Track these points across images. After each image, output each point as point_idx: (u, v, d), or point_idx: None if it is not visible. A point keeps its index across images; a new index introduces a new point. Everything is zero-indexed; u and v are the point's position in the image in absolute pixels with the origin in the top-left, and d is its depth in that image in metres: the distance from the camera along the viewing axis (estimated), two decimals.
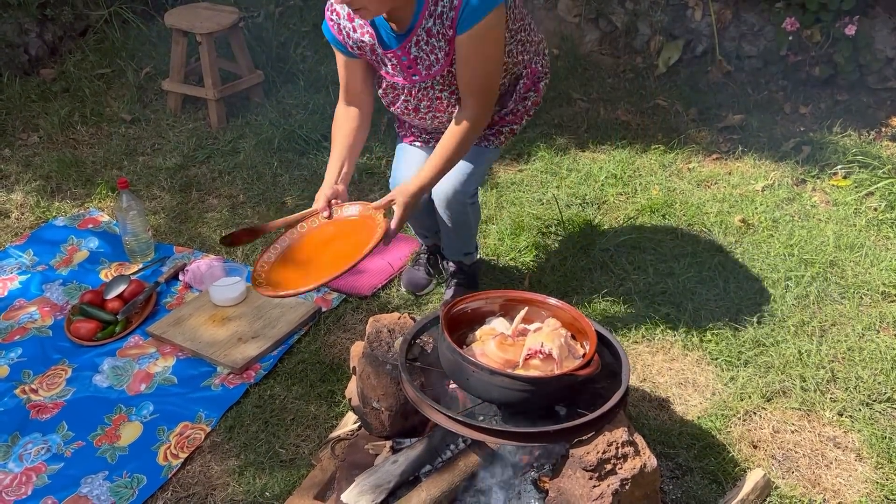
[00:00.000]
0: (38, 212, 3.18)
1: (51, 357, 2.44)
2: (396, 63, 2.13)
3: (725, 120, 3.65)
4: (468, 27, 1.99)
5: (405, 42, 2.07)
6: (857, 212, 2.98)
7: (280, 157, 3.48)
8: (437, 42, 2.06)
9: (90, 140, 3.71)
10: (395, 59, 2.12)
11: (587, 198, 3.13)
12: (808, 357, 2.31)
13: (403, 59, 2.11)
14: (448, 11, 2.00)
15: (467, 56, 2.04)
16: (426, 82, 2.15)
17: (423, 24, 2.04)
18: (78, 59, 4.33)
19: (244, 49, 3.83)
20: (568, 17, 4.28)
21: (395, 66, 2.15)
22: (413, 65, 2.12)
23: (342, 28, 2.13)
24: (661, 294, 2.58)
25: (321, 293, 2.71)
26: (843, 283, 2.61)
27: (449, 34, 2.03)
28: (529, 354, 1.67)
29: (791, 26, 3.68)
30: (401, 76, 2.16)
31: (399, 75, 2.16)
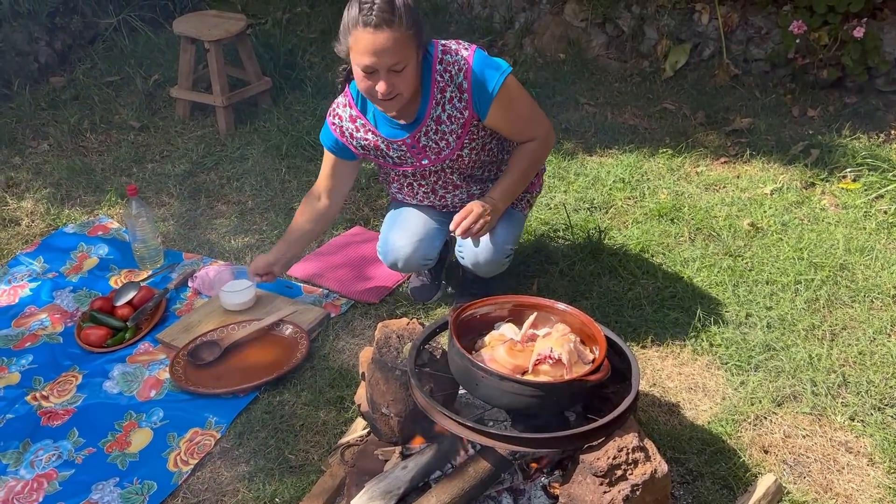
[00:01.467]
0: (49, 219, 3.20)
1: (61, 364, 2.45)
2: (405, 151, 2.19)
3: (733, 123, 3.64)
4: (488, 105, 2.07)
5: (415, 131, 2.14)
6: (866, 215, 2.96)
7: (288, 163, 3.49)
8: (449, 126, 2.13)
9: (99, 147, 3.73)
10: (404, 146, 2.16)
11: (595, 202, 3.13)
12: (818, 361, 2.30)
13: (413, 147, 2.17)
14: (459, 95, 2.07)
15: (503, 123, 2.14)
16: (436, 166, 2.23)
17: (432, 113, 2.10)
18: (87, 67, 4.36)
19: (252, 56, 3.85)
20: (574, 21, 4.29)
21: (402, 156, 2.21)
22: (422, 151, 2.19)
23: (345, 130, 2.22)
24: (671, 298, 2.58)
25: (330, 299, 2.71)
26: (853, 287, 2.60)
27: (464, 116, 2.10)
28: (539, 360, 1.67)
29: (798, 29, 3.67)
30: (409, 164, 2.22)
31: (407, 164, 2.22)
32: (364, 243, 2.99)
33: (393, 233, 2.40)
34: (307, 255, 2.94)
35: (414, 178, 2.31)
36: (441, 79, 2.08)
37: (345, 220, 3.13)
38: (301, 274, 2.84)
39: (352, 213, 3.18)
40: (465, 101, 2.08)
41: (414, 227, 2.37)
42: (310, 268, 2.86)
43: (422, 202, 2.39)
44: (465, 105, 2.09)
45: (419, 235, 2.36)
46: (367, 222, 3.13)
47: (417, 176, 2.29)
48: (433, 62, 2.07)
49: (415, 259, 2.38)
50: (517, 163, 2.22)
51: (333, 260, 2.90)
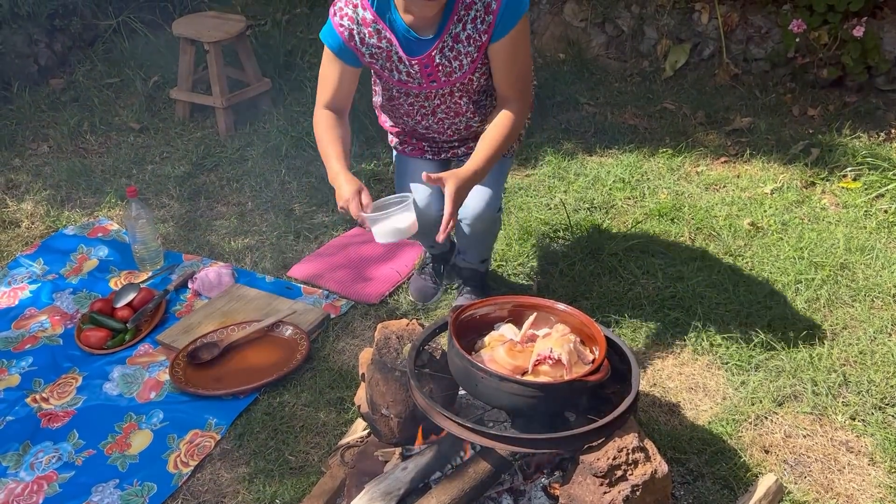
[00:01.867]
0: (49, 221, 3.20)
1: (61, 366, 2.45)
2: (418, 70, 2.06)
3: (733, 123, 3.64)
4: (504, 33, 1.96)
5: (431, 49, 2.02)
6: (867, 214, 2.96)
7: (288, 164, 3.49)
8: (465, 48, 2.01)
9: (99, 149, 3.73)
10: (417, 65, 2.05)
11: (595, 202, 3.13)
12: (819, 361, 2.29)
13: (426, 66, 2.05)
14: (484, 16, 1.96)
15: (506, 60, 2.02)
16: (444, 89, 2.11)
17: (451, 29, 1.99)
18: (87, 69, 4.36)
19: (251, 57, 3.85)
20: (574, 21, 4.28)
21: (410, 73, 2.08)
22: (434, 72, 2.06)
23: (355, 34, 2.04)
24: (671, 298, 2.57)
25: (330, 300, 2.71)
26: (853, 286, 2.59)
27: (482, 40, 1.99)
28: (539, 360, 1.66)
29: (798, 28, 3.67)
30: (416, 83, 2.10)
31: (414, 82, 2.10)
32: (364, 244, 2.98)
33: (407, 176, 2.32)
34: (307, 256, 2.94)
35: (416, 98, 2.16)
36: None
37: (345, 222, 3.13)
38: (301, 275, 2.84)
39: None
40: (489, 24, 1.97)
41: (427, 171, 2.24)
42: (309, 269, 2.86)
43: (419, 123, 2.24)
44: (486, 28, 1.98)
45: (430, 189, 2.29)
46: None
47: (421, 97, 2.15)
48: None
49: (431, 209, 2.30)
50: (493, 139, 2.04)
51: (333, 261, 2.89)
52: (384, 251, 2.92)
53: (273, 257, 2.95)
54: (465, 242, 2.49)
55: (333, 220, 3.14)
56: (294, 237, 3.05)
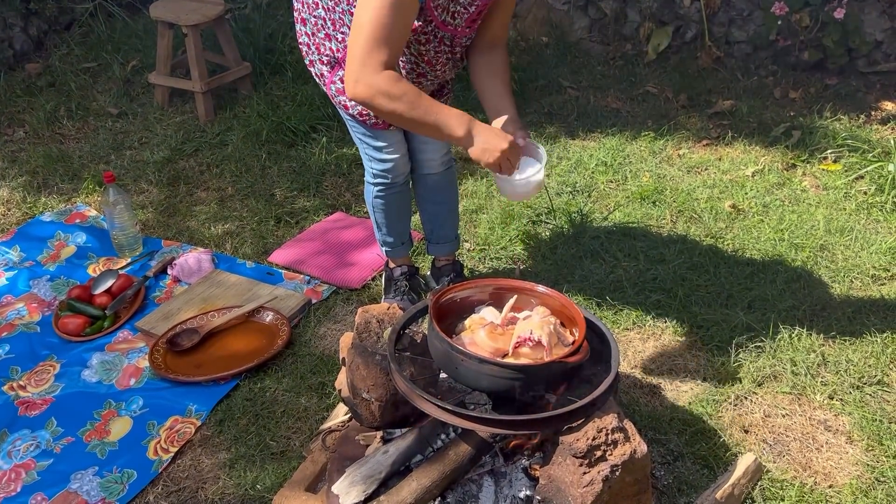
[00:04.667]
0: (25, 207, 3.16)
1: (39, 353, 2.42)
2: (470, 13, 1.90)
3: (715, 106, 3.64)
4: None
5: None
6: (847, 196, 2.98)
7: (269, 149, 3.45)
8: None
9: (76, 135, 3.68)
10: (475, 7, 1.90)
11: (577, 186, 3.12)
12: (798, 341, 2.31)
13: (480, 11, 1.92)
14: None
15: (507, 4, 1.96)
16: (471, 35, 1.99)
17: None
18: (63, 54, 4.29)
19: (231, 41, 3.80)
20: (557, 4, 4.26)
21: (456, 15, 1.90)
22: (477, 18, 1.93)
23: None
24: (652, 281, 2.58)
25: (311, 285, 2.69)
26: (833, 267, 2.61)
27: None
28: (519, 342, 1.66)
29: (780, 10, 3.67)
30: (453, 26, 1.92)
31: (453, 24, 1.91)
32: (346, 229, 2.97)
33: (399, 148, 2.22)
34: (288, 241, 2.92)
35: (440, 42, 1.96)
36: None
37: (326, 206, 3.11)
38: (282, 260, 2.82)
39: (333, 199, 3.16)
40: None
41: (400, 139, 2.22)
42: (291, 254, 2.84)
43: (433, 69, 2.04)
44: None
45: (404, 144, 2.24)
46: (348, 208, 3.11)
47: (445, 40, 1.96)
48: None
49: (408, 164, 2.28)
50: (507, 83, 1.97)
51: (315, 246, 2.88)
52: (365, 236, 2.90)
53: (254, 243, 2.93)
54: (436, 219, 2.46)
55: (314, 205, 3.12)
56: (275, 222, 3.03)
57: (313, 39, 2.08)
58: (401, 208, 2.43)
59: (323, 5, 1.99)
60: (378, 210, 2.41)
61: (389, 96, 1.73)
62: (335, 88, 2.10)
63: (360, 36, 1.72)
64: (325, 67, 2.09)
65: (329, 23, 2.00)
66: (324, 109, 3.61)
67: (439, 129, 1.78)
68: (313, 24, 2.05)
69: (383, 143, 2.22)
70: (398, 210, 2.42)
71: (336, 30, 2.00)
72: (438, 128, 1.78)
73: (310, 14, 2.05)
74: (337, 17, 1.97)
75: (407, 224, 2.52)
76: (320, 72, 2.12)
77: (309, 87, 3.80)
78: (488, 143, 1.77)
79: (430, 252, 2.59)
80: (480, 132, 1.78)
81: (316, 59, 2.10)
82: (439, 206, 2.45)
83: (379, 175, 2.31)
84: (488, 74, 2.01)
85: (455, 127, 1.77)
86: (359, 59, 1.73)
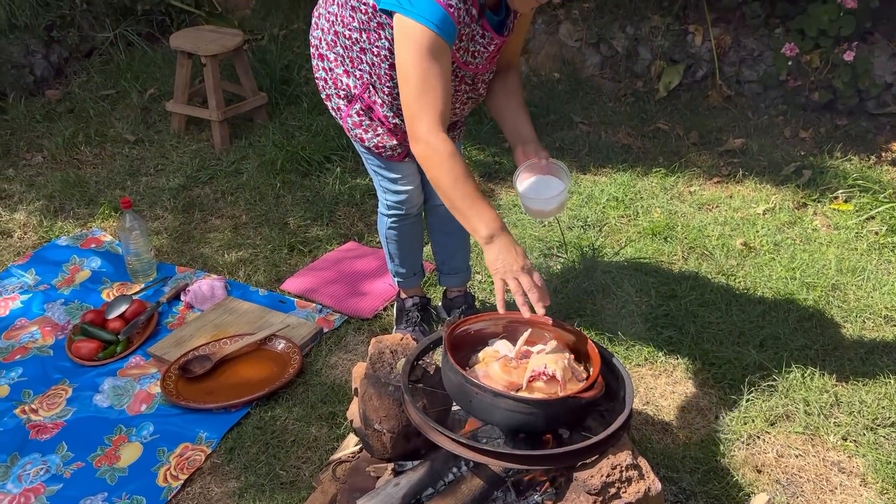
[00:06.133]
0: (41, 231, 3.19)
1: (51, 377, 2.43)
2: (493, 50, 1.92)
3: (726, 144, 3.67)
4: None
5: (509, 30, 1.93)
6: (858, 236, 2.99)
7: (283, 178, 3.49)
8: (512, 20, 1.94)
9: (94, 160, 3.73)
10: (495, 45, 1.92)
11: (589, 220, 3.14)
12: (811, 381, 2.30)
13: (499, 48, 1.94)
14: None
15: (524, 25, 2.01)
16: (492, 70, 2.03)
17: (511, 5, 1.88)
18: (83, 81, 4.36)
19: (248, 71, 3.87)
20: (569, 41, 4.32)
21: (477, 54, 1.91)
22: (497, 52, 1.96)
23: (453, 5, 1.71)
24: (664, 317, 2.58)
25: (323, 314, 2.70)
26: (845, 307, 2.61)
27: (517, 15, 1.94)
28: (533, 376, 1.66)
29: (790, 52, 3.71)
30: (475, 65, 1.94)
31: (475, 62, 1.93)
32: (358, 258, 2.98)
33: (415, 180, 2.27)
34: (301, 269, 2.94)
35: (462, 81, 1.99)
36: None
37: (339, 236, 3.13)
38: (294, 289, 2.84)
39: (346, 229, 3.18)
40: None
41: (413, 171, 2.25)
42: (303, 283, 2.86)
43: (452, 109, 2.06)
44: None
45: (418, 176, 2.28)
46: (361, 238, 3.13)
47: (467, 78, 1.99)
48: None
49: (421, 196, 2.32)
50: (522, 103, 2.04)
51: (327, 275, 2.89)
52: (377, 266, 2.92)
53: (266, 270, 2.95)
54: (448, 249, 2.48)
55: (327, 234, 3.14)
56: (288, 251, 3.05)
57: (331, 74, 2.12)
58: (413, 239, 2.45)
59: (341, 43, 2.03)
60: (391, 241, 2.43)
61: (441, 165, 1.74)
62: (351, 122, 2.13)
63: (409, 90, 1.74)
64: (342, 101, 2.13)
65: (347, 60, 2.04)
66: (338, 140, 3.65)
67: (466, 220, 1.76)
68: (331, 60, 2.09)
69: (398, 175, 2.25)
70: (411, 241, 2.44)
71: (354, 67, 2.04)
72: (466, 218, 1.76)
73: (328, 50, 2.09)
74: (355, 56, 2.01)
75: (419, 255, 2.54)
76: (337, 105, 2.15)
77: (324, 118, 3.85)
78: (503, 260, 1.72)
79: (442, 283, 2.60)
80: (502, 245, 1.73)
81: (333, 94, 2.14)
82: (451, 237, 2.47)
83: (393, 206, 2.33)
84: (504, 94, 2.06)
85: (481, 227, 1.73)
86: (415, 116, 1.75)
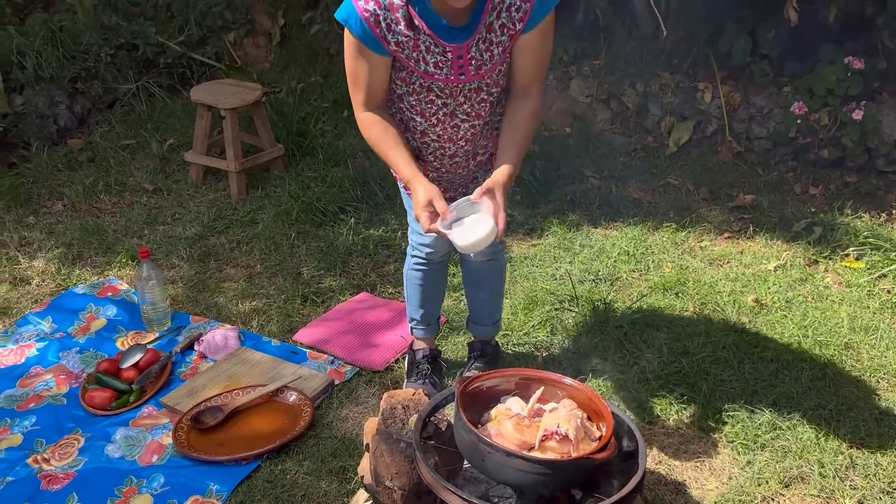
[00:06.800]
0: (59, 279, 3.24)
1: (64, 426, 2.44)
2: (451, 59, 1.93)
3: (736, 199, 3.70)
4: (538, 22, 1.91)
5: (468, 40, 1.92)
6: (870, 294, 2.98)
7: (298, 228, 3.54)
8: (498, 38, 1.92)
9: (112, 209, 3.80)
10: (451, 53, 1.93)
11: (600, 274, 3.16)
12: (825, 442, 2.28)
13: (459, 57, 1.93)
14: (521, 4, 1.88)
15: (535, 50, 1.97)
16: (472, 83, 1.99)
17: (486, 19, 1.89)
18: (105, 130, 4.47)
19: (266, 123, 3.95)
20: (580, 97, 4.40)
21: (439, 64, 1.94)
22: (466, 64, 1.94)
23: (382, 20, 1.89)
24: (676, 374, 2.57)
25: (335, 366, 2.71)
26: (858, 367, 2.60)
27: (515, 28, 1.92)
28: (546, 436, 1.67)
29: (799, 110, 3.77)
30: (443, 74, 1.96)
31: (441, 73, 1.96)
32: (370, 310, 3.00)
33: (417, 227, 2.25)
34: (313, 320, 2.96)
35: (440, 93, 2.01)
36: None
37: (352, 286, 3.16)
38: (307, 339, 2.85)
39: (359, 279, 3.21)
40: (525, 11, 1.89)
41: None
42: (316, 333, 2.88)
43: (434, 127, 2.09)
44: (522, 16, 1.89)
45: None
46: (373, 289, 3.16)
47: (445, 91, 2.00)
48: None
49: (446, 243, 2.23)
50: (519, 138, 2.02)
51: (339, 326, 2.91)
52: (389, 317, 2.94)
53: (279, 321, 2.97)
54: (476, 301, 2.51)
55: (340, 284, 3.17)
56: (301, 301, 3.08)
57: None
58: (432, 290, 2.50)
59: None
60: (411, 283, 2.48)
61: (367, 137, 2.07)
62: None
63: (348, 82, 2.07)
64: None
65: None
66: (352, 191, 3.71)
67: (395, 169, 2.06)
68: None
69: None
70: (429, 290, 2.49)
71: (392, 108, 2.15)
72: (393, 168, 2.07)
73: None
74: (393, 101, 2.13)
75: (436, 306, 2.58)
76: None
77: (339, 170, 3.93)
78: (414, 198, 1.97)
79: (468, 328, 2.63)
80: (413, 188, 1.99)
81: None
82: (479, 291, 2.50)
83: (416, 248, 2.39)
84: (508, 123, 2.06)
85: (403, 180, 2.05)
86: (352, 102, 2.08)
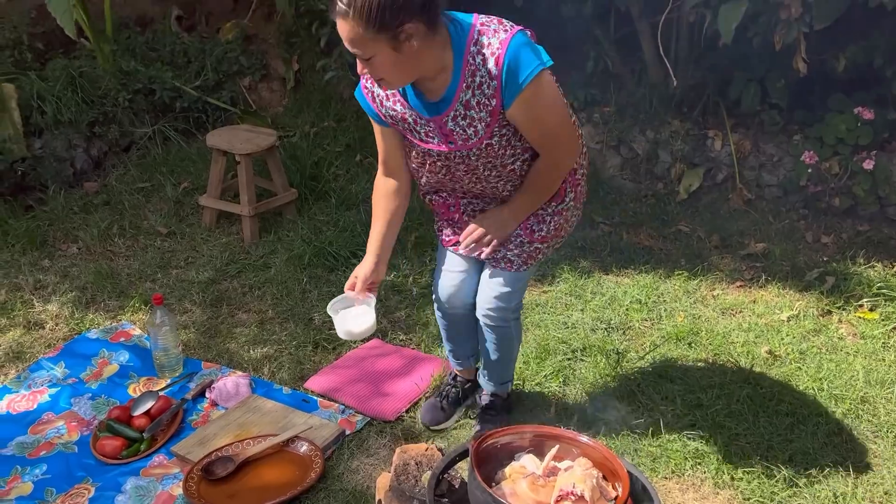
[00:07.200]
0: (73, 323, 3.25)
1: (75, 475, 2.43)
2: (434, 127, 2.06)
3: (748, 247, 3.70)
4: (514, 97, 1.93)
5: (443, 114, 2.01)
6: (885, 346, 2.96)
7: (310, 272, 3.55)
8: (478, 114, 1.99)
9: (126, 252, 3.83)
10: (434, 124, 2.05)
11: (612, 322, 3.15)
12: (843, 500, 2.25)
13: (441, 128, 2.06)
14: (489, 81, 1.93)
15: (525, 123, 2.01)
16: (461, 152, 2.08)
17: (461, 97, 1.97)
18: (120, 174, 4.52)
19: (280, 168, 4.00)
20: (590, 143, 4.44)
21: (429, 133, 2.08)
22: (450, 134, 2.05)
23: (376, 96, 2.09)
24: (690, 427, 2.55)
25: (346, 415, 2.70)
26: (875, 422, 2.57)
27: (492, 105, 1.96)
28: (561, 496, 1.65)
29: (810, 159, 3.79)
30: (434, 142, 2.09)
31: (433, 142, 2.09)
32: (382, 357, 3.00)
33: (440, 269, 2.43)
34: (324, 367, 2.96)
35: (438, 157, 2.13)
36: (473, 61, 1.93)
37: None
38: (318, 388, 2.85)
39: None
40: (495, 88, 1.94)
41: (458, 266, 2.38)
42: (327, 381, 2.87)
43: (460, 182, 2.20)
44: (493, 92, 1.95)
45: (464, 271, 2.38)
46: (384, 335, 3.16)
47: (442, 157, 2.13)
48: (468, 41, 1.92)
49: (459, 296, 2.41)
50: (529, 183, 2.15)
51: (351, 374, 2.90)
52: (401, 365, 2.93)
53: (291, 367, 2.97)
54: (486, 360, 2.51)
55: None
56: (312, 347, 3.08)
57: None
58: (458, 336, 2.56)
59: None
60: (439, 321, 2.57)
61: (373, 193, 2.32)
62: None
63: None
64: None
65: None
66: (364, 236, 3.71)
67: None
68: None
69: (439, 261, 2.43)
70: (455, 334, 2.56)
71: None
72: None
73: None
74: None
75: (464, 348, 2.62)
76: None
77: (351, 214, 3.96)
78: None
79: (479, 377, 2.63)
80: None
81: None
82: (487, 351, 2.48)
83: (435, 301, 2.48)
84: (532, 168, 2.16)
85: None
86: None
